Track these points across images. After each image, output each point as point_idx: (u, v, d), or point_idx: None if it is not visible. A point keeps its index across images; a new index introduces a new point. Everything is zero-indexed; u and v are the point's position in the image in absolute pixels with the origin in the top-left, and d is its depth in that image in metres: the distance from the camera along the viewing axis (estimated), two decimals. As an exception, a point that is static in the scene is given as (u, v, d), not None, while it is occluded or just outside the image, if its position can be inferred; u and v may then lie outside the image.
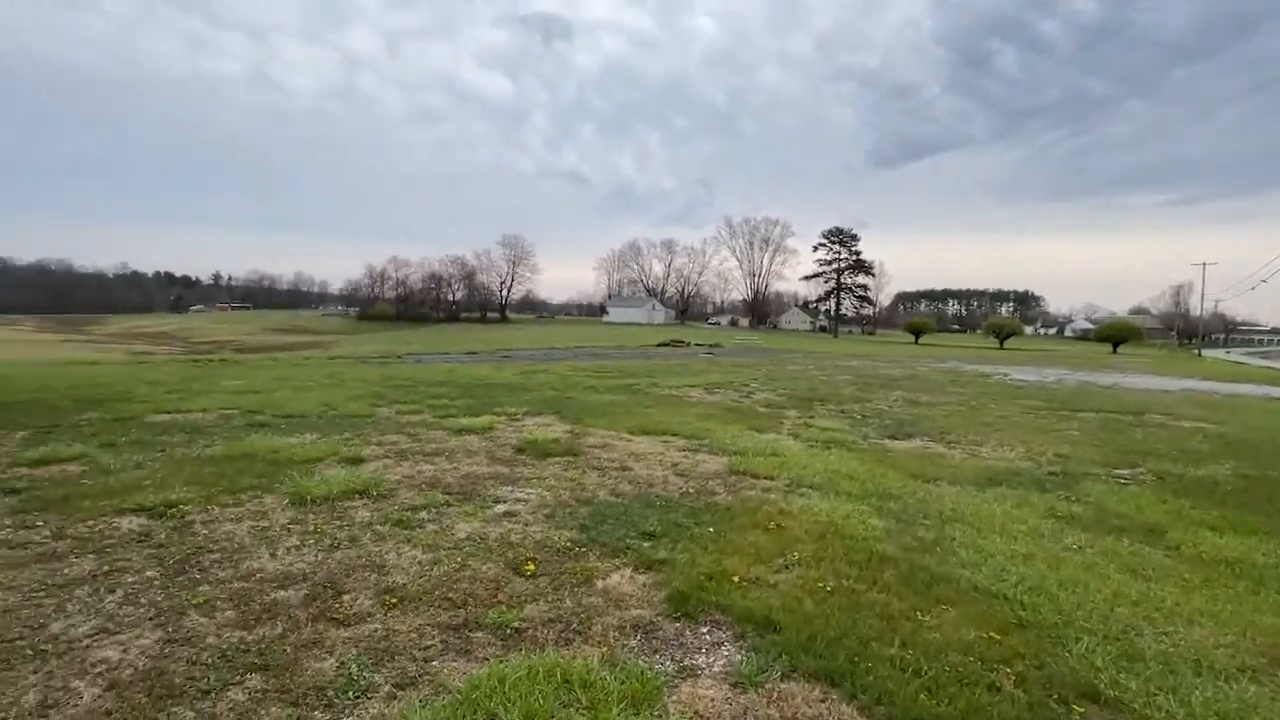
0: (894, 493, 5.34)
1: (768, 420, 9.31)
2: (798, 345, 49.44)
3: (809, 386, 14.65)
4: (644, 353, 31.50)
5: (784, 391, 13.45)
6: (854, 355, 33.42)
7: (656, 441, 7.30)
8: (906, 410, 11.15)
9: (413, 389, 11.52)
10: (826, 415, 10.10)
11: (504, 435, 7.29)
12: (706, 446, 7.07)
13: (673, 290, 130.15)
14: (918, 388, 15.42)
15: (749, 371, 19.11)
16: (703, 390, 13.26)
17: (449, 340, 50.23)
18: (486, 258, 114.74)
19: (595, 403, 10.37)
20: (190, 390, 10.58)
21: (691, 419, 8.92)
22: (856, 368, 22.51)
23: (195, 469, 5.21)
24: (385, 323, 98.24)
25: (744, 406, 10.83)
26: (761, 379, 16.34)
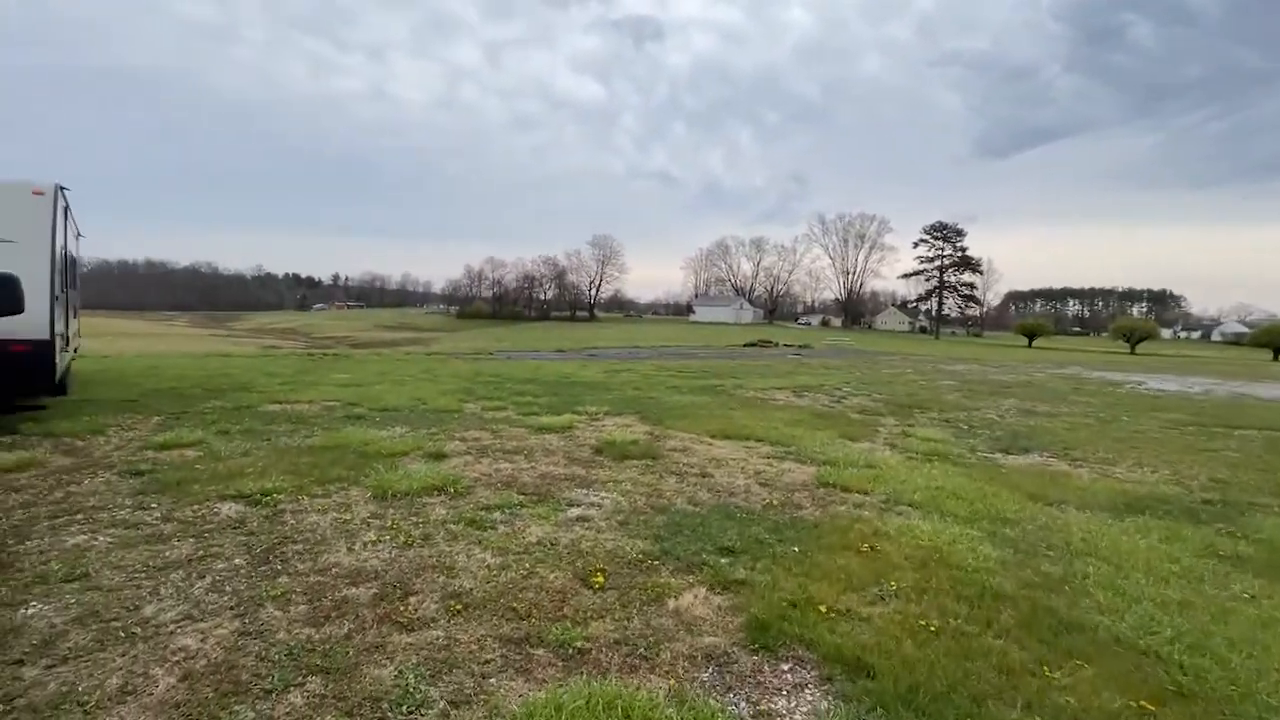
0: (1009, 516, 4.72)
1: (861, 427, 8.69)
2: (894, 347, 46.80)
3: (907, 391, 13.66)
4: (730, 353, 30.90)
5: (879, 396, 12.61)
6: (958, 359, 31.11)
7: (739, 447, 6.96)
8: (1021, 420, 10.08)
9: (500, 385, 11.80)
10: (928, 424, 9.30)
11: (583, 435, 7.22)
12: (793, 454, 6.65)
13: (761, 289, 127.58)
14: (1033, 395, 13.99)
15: (841, 374, 18.17)
16: (790, 393, 12.68)
17: (539, 338, 51.80)
18: (576, 258, 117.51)
19: (677, 404, 10.14)
20: (301, 382, 11.38)
21: (777, 424, 8.48)
22: (961, 372, 20.87)
23: (294, 458, 5.48)
24: (482, 320, 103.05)
25: (835, 412, 10.22)
26: (854, 382, 15.46)
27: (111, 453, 5.52)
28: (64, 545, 3.45)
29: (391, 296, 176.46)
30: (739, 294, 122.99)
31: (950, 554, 3.83)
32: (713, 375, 16.09)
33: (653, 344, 39.36)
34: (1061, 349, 61.38)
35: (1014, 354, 42.96)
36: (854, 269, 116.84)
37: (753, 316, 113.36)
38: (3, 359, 5.55)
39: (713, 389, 12.68)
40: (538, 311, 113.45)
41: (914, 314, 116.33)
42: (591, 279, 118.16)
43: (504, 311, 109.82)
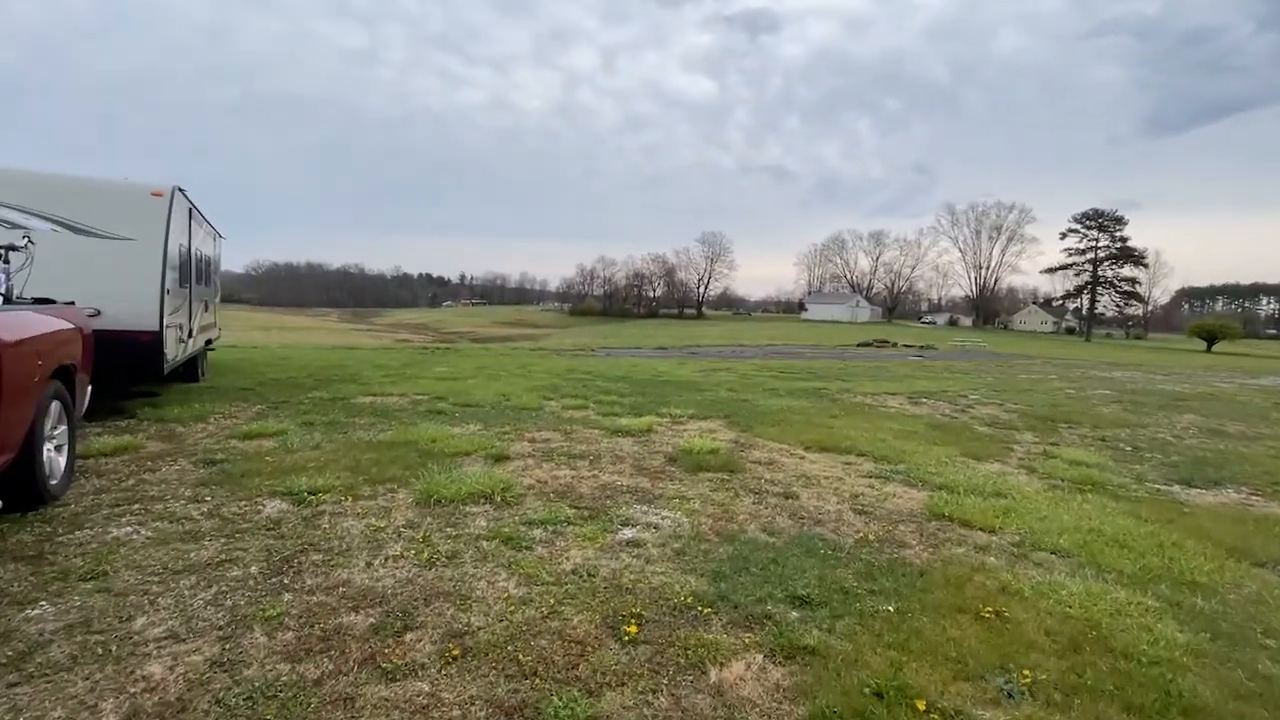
0: (1201, 580, 3.54)
1: (990, 444, 7.39)
2: (1035, 349, 41.87)
3: (1050, 401, 11.75)
4: (841, 352, 28.97)
5: (1015, 406, 10.90)
6: (1115, 364, 27.02)
7: (836, 462, 6.06)
8: (1206, 443, 8.18)
9: (589, 383, 11.52)
10: (1077, 443, 7.76)
11: (660, 440, 6.64)
12: (900, 474, 5.66)
13: (880, 286, 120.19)
14: (1219, 411, 11.51)
15: (968, 379, 16.18)
16: (905, 399, 11.32)
17: (644, 335, 51.94)
18: (685, 255, 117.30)
19: (772, 408, 9.27)
20: (403, 376, 11.77)
21: (886, 435, 7.41)
22: (1120, 380, 17.92)
23: (358, 454, 5.38)
24: (592, 317, 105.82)
25: (957, 423, 8.87)
26: (984, 388, 13.62)
27: (201, 440, 5.73)
28: (105, 538, 3.42)
29: (510, 294, 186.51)
30: (855, 290, 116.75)
31: (1113, 632, 2.83)
32: (818, 376, 14.88)
33: (758, 342, 38.01)
34: (1254, 355, 52.01)
35: (1189, 360, 36.75)
36: (988, 263, 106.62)
37: (870, 315, 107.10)
38: (112, 347, 5.92)
39: (815, 392, 11.60)
40: (646, 309, 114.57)
41: (1060, 313, 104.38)
42: (700, 276, 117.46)
43: (613, 309, 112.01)
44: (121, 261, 6.30)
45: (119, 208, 6.51)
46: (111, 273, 6.22)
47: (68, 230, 6.19)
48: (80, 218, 6.26)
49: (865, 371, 17.13)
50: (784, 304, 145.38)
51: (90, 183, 6.63)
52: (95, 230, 6.29)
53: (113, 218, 6.40)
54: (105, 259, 6.26)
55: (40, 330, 3.71)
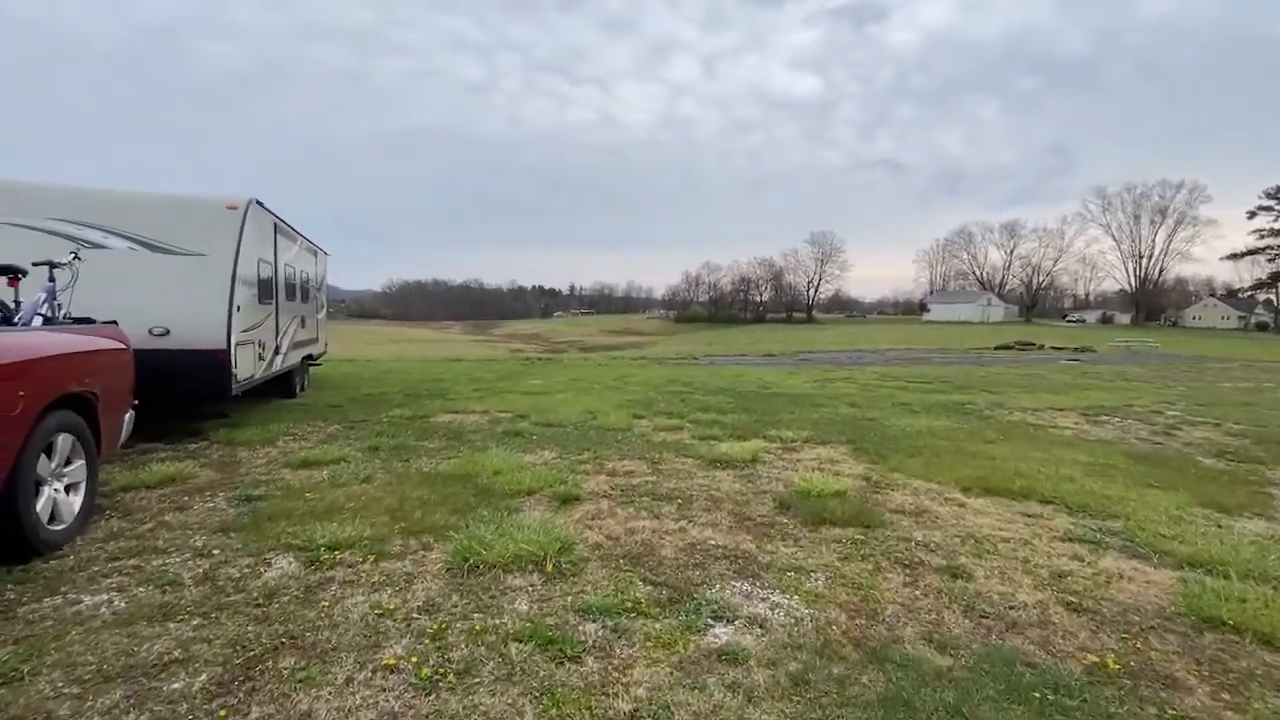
0: None
1: (1234, 487, 5.37)
2: (1224, 349, 35.28)
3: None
4: (977, 357, 25.67)
5: (1238, 427, 8.38)
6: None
7: (1012, 512, 4.47)
8: None
9: (687, 397, 10.38)
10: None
11: (768, 474, 5.36)
12: (1118, 537, 3.99)
13: (1015, 281, 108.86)
14: None
15: (1155, 389, 13.23)
16: (1079, 417, 9.11)
17: (750, 341, 49.92)
18: (794, 258, 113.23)
19: (908, 430, 7.63)
20: (494, 390, 11.28)
21: (1073, 471, 5.62)
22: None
23: (408, 491, 4.61)
24: (697, 324, 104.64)
25: (1168, 453, 6.75)
26: (1184, 402, 10.88)
27: (254, 469, 5.25)
28: (69, 611, 2.77)
29: (618, 303, 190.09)
30: (985, 288, 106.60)
31: None
32: (957, 387, 12.73)
33: (877, 347, 35.02)
34: None
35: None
36: (1149, 252, 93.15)
37: (1004, 314, 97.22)
38: (179, 366, 5.63)
39: (958, 408, 9.68)
40: (753, 314, 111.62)
41: (1247, 306, 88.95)
42: (809, 279, 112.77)
43: (719, 315, 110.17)
44: (192, 278, 6.06)
45: (194, 223, 6.31)
46: (182, 289, 6.00)
47: (144, 248, 6.04)
48: (157, 235, 6.10)
49: (1015, 380, 14.59)
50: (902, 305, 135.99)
51: (169, 199, 6.51)
52: (170, 247, 6.10)
53: (187, 234, 6.20)
54: (177, 276, 6.05)
55: (24, 355, 3.19)
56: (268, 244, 7.51)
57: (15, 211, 5.76)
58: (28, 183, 6.02)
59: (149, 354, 5.68)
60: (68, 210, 5.94)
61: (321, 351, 12.33)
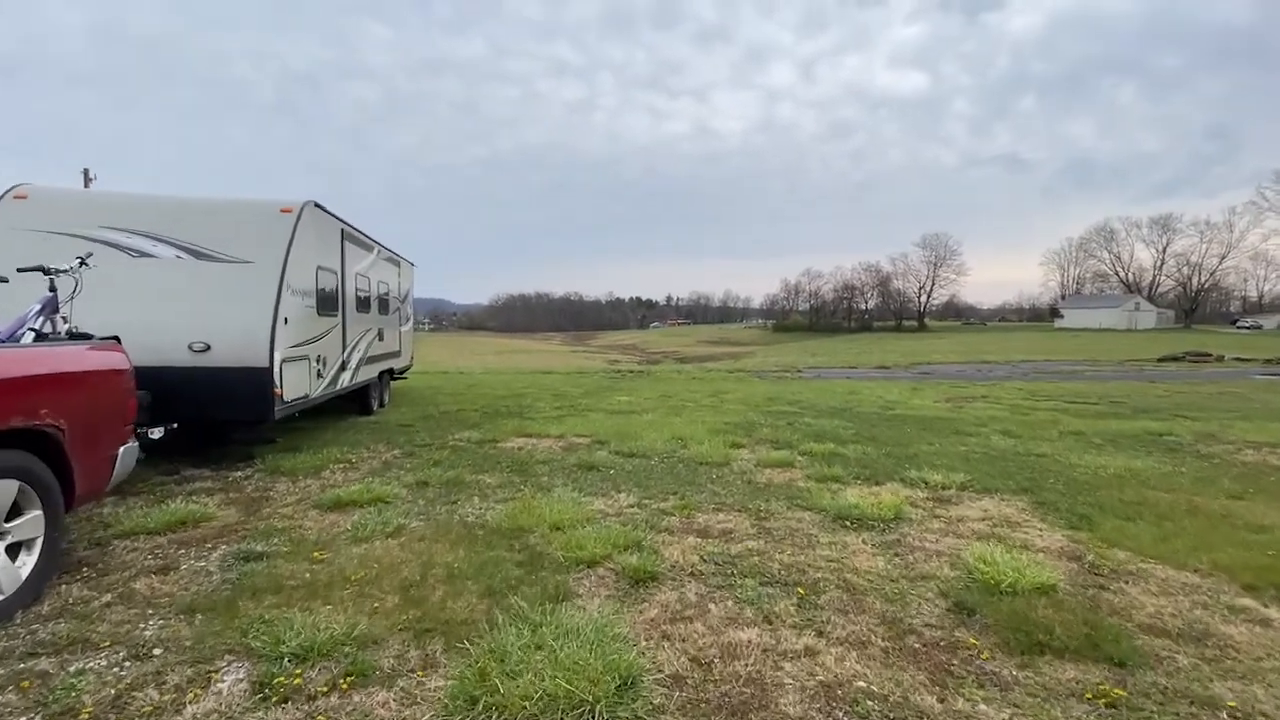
0: None
1: None
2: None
3: None
4: (1141, 371, 21.78)
5: None
6: None
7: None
8: None
9: (795, 420, 8.85)
10: None
11: (923, 544, 3.84)
12: None
13: (1170, 283, 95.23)
14: None
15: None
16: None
17: (857, 351, 46.47)
18: (903, 262, 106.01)
19: (1100, 473, 5.72)
20: (576, 408, 10.32)
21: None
22: None
23: (437, 555, 3.57)
24: (798, 333, 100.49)
25: None
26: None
27: (280, 510, 4.46)
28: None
29: (714, 313, 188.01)
30: (1131, 291, 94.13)
31: None
32: (1135, 411, 10.22)
33: (1008, 358, 31.11)
34: None
35: None
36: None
37: (1156, 319, 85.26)
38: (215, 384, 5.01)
39: (1156, 441, 7.46)
40: (858, 322, 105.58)
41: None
42: (921, 284, 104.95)
43: (821, 324, 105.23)
44: (236, 287, 5.48)
45: (244, 228, 5.77)
46: (225, 300, 5.42)
47: (190, 255, 5.54)
48: (205, 241, 5.59)
49: (1211, 403, 11.67)
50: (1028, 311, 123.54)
51: (221, 202, 6.04)
52: (217, 254, 5.56)
53: (236, 239, 5.65)
54: (222, 285, 5.49)
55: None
56: (331, 251, 6.93)
57: (67, 222, 5.43)
58: (78, 191, 5.75)
59: (188, 372, 5.12)
60: (120, 218, 5.55)
61: (406, 365, 11.97)
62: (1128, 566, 3.53)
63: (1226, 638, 2.73)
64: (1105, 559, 3.62)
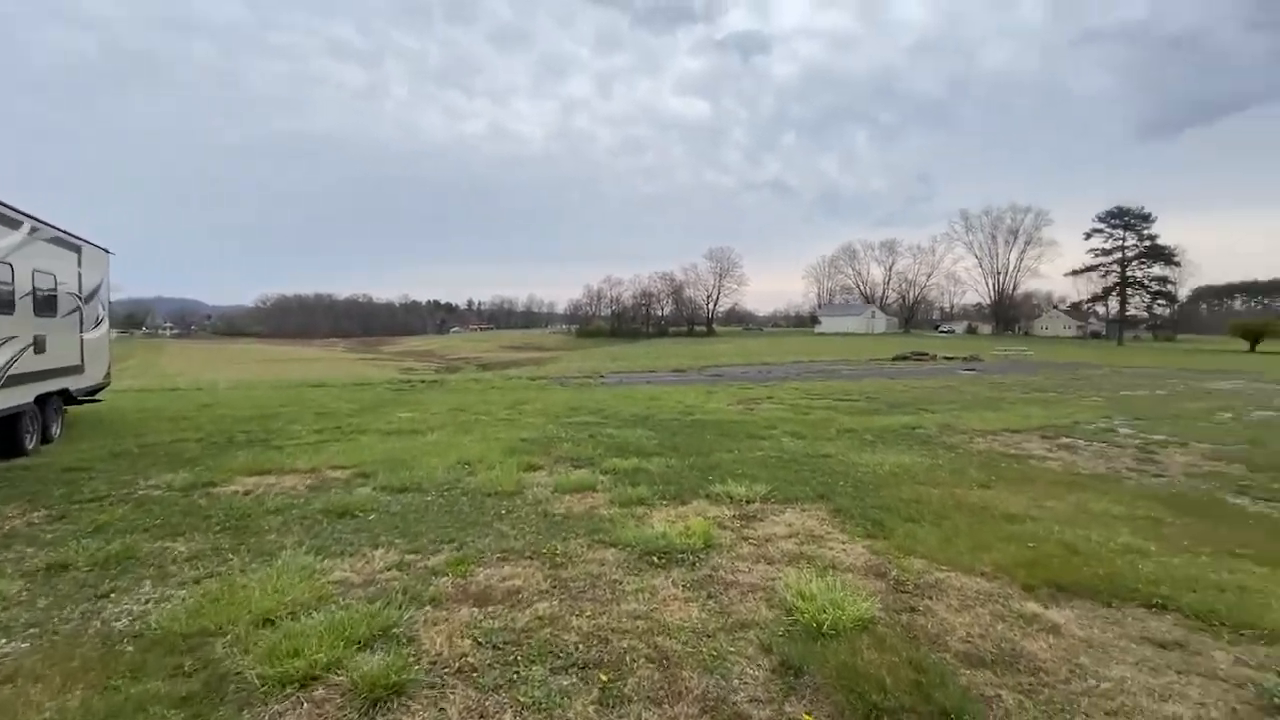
0: None
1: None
2: (1082, 356, 38.31)
3: (1249, 438, 8.35)
4: (881, 369, 25.62)
5: (1202, 445, 7.57)
6: (1184, 371, 23.44)
7: (1126, 635, 2.80)
8: None
9: (597, 431, 8.30)
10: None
11: (736, 579, 3.41)
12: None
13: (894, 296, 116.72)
14: None
15: (1076, 401, 12.83)
16: (1040, 440, 8.02)
17: (656, 355, 48.71)
18: (693, 272, 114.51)
19: (878, 471, 6.01)
20: (344, 429, 8.63)
21: (1118, 531, 4.15)
22: (1251, 394, 14.47)
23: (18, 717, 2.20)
24: (601, 338, 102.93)
25: (1192, 495, 5.54)
26: (1118, 415, 10.27)
27: None
28: None
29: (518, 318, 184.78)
30: (869, 302, 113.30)
31: None
32: (889, 406, 11.59)
33: (782, 360, 34.71)
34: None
35: (1247, 363, 32.91)
36: (1005, 268, 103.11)
37: (886, 325, 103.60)
38: None
39: (912, 434, 8.32)
40: (655, 328, 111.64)
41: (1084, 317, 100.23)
42: (709, 293, 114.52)
43: (622, 329, 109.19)
44: None
45: None
46: None
47: None
48: None
49: (940, 396, 13.80)
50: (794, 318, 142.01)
51: None
52: None
53: None
54: None
55: None
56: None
57: None
58: None
59: None
60: None
61: (97, 384, 9.07)
62: (926, 577, 3.45)
63: (1033, 657, 2.63)
64: (906, 571, 3.52)
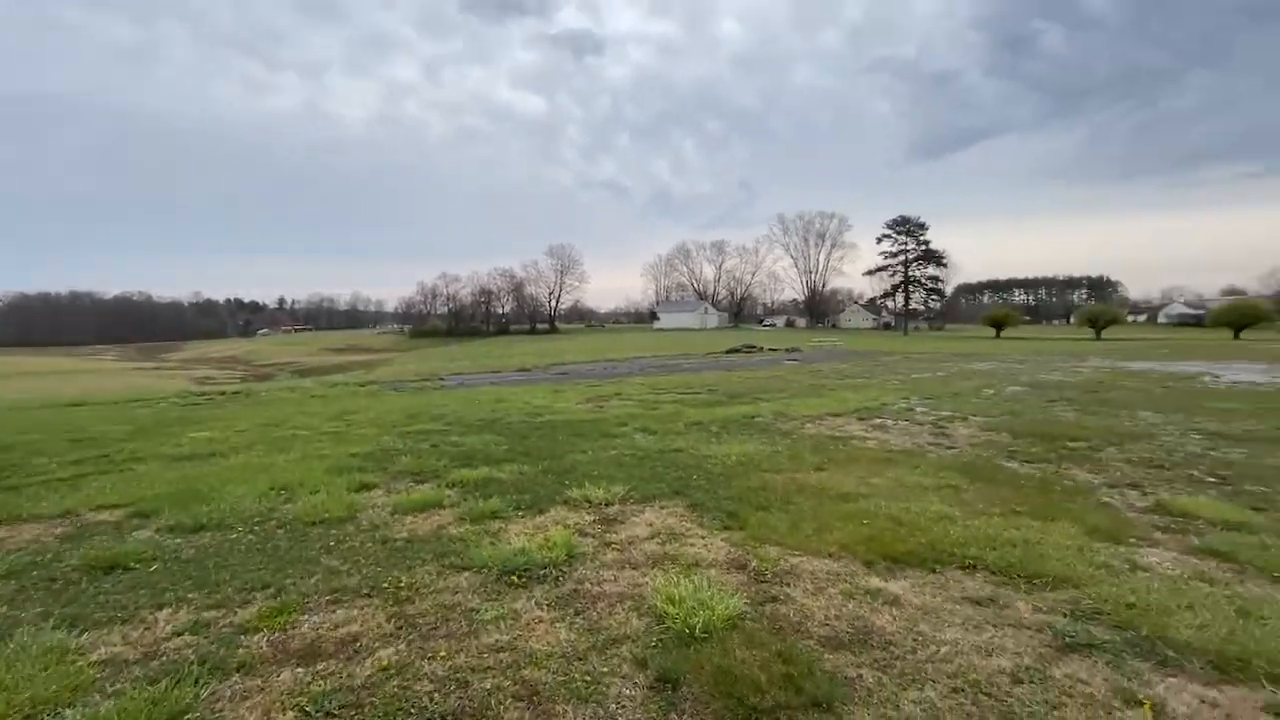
0: None
1: (1076, 502, 4.97)
2: (879, 345, 44.14)
3: (1009, 410, 10.07)
4: (718, 362, 27.26)
5: (978, 418, 9.00)
6: (955, 355, 28.17)
7: (950, 597, 3.12)
8: (1270, 462, 6.56)
9: (440, 440, 7.70)
10: (1180, 488, 5.66)
11: (603, 591, 3.26)
12: (1099, 621, 2.84)
13: (724, 293, 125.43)
14: (1160, 405, 10.60)
15: (880, 385, 14.62)
16: (857, 421, 8.98)
17: (499, 354, 47.23)
18: (534, 269, 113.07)
19: (726, 462, 6.26)
20: (115, 458, 7.06)
21: (928, 501, 4.71)
22: (1003, 373, 17.62)
23: None
24: (437, 338, 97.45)
25: (978, 463, 6.49)
26: (914, 396, 11.88)
27: None
28: None
29: (341, 318, 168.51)
30: (702, 298, 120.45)
31: None
32: (729, 397, 12.28)
33: (625, 355, 35.49)
34: (1030, 338, 60.06)
35: (992, 345, 40.55)
36: (816, 268, 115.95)
37: (718, 321, 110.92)
38: None
39: (752, 423, 8.85)
40: (496, 326, 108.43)
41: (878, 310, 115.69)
42: (551, 290, 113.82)
43: (460, 328, 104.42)
44: None
45: None
46: None
47: None
48: None
49: (771, 385, 14.94)
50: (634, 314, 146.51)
51: None
52: None
53: None
54: None
55: None
56: None
57: None
58: None
59: None
60: None
61: None
62: (782, 564, 3.59)
63: (882, 631, 2.81)
64: (764, 561, 3.63)
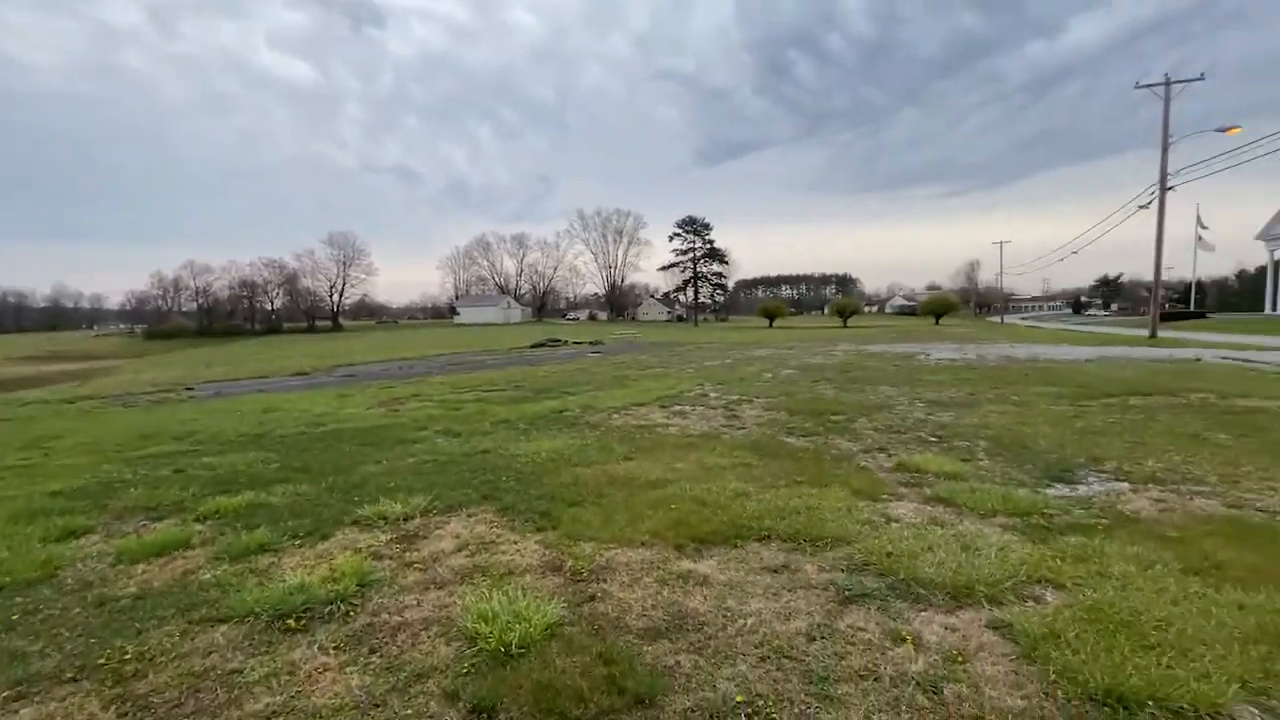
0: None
1: (841, 469, 5.74)
2: (674, 336, 47.37)
3: (784, 391, 11.38)
4: (523, 357, 26.85)
5: (762, 400, 10.05)
6: (737, 344, 31.46)
7: (750, 568, 3.37)
8: (971, 422, 8.22)
9: (188, 462, 6.34)
10: (908, 444, 6.77)
11: (405, 619, 2.91)
12: (870, 573, 3.27)
13: (527, 287, 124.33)
14: (896, 379, 12.85)
15: (675, 375, 15.59)
16: (658, 409, 9.44)
17: (269, 357, 40.95)
18: (310, 259, 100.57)
19: (536, 459, 6.10)
20: None
21: (728, 480, 5.08)
22: (777, 358, 20.00)
23: None
24: (183, 340, 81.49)
25: (765, 440, 7.17)
26: (707, 383, 12.87)
27: None
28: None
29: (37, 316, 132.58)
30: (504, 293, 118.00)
31: None
32: (536, 392, 12.11)
33: (422, 354, 33.25)
34: (796, 328, 69.56)
35: (767, 335, 46.26)
36: (615, 263, 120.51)
37: (521, 315, 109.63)
38: None
39: (561, 418, 8.79)
40: (265, 325, 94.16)
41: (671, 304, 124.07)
42: (332, 283, 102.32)
43: (215, 327, 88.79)
44: None
45: None
46: None
47: None
48: None
49: (577, 379, 15.08)
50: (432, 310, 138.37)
51: None
52: None
53: None
54: None
55: None
56: None
57: None
58: None
59: None
60: None
61: None
62: (598, 560, 3.55)
63: (695, 613, 2.90)
64: (579, 559, 3.56)
